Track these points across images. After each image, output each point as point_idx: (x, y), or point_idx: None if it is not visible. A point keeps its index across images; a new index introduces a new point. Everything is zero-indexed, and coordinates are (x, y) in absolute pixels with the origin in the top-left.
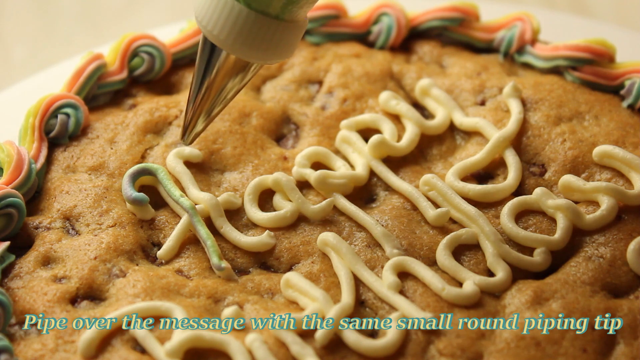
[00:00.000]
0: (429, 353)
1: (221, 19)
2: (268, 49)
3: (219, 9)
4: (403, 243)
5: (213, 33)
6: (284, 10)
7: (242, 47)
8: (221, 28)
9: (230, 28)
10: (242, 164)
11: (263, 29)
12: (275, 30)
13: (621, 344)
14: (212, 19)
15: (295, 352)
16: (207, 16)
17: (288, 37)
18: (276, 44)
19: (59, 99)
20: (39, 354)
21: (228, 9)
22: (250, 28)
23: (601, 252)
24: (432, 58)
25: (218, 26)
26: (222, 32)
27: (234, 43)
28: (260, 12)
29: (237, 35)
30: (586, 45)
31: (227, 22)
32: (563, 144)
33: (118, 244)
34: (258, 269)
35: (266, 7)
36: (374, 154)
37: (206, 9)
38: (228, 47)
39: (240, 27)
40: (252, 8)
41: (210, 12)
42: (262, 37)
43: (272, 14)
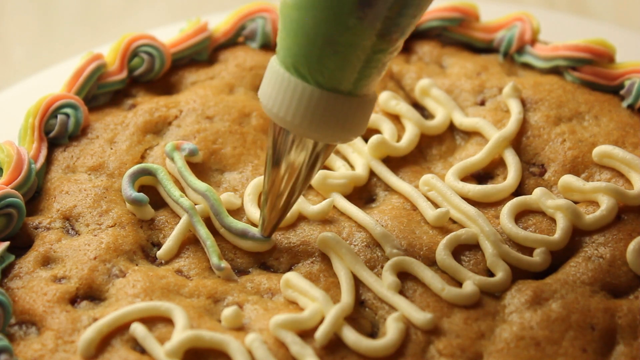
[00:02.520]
0: (429, 353)
1: (293, 102)
2: (345, 127)
3: (289, 93)
4: (403, 243)
5: (286, 119)
6: (356, 86)
7: (318, 129)
8: (294, 112)
9: (303, 111)
10: (242, 164)
11: (337, 107)
12: (350, 107)
13: (621, 344)
14: (283, 104)
15: (295, 352)
16: (277, 102)
17: (362, 112)
18: (352, 120)
19: (58, 99)
20: (39, 354)
21: (299, 91)
22: (324, 108)
23: (601, 252)
24: (432, 58)
25: (290, 111)
26: (296, 117)
27: (309, 126)
28: (332, 90)
29: (311, 117)
30: (586, 46)
31: (300, 105)
32: (563, 144)
33: (118, 244)
34: (258, 269)
35: (337, 84)
36: (373, 154)
37: (275, 95)
38: (302, 130)
39: (313, 108)
40: (323, 88)
41: (280, 97)
42: (337, 115)
43: (344, 91)
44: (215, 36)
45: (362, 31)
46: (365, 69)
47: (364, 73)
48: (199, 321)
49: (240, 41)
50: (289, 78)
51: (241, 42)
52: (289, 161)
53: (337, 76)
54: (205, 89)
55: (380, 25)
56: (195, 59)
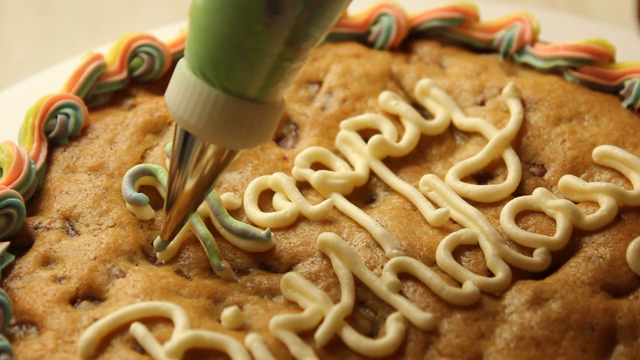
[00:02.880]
0: (429, 353)
1: (198, 106)
2: (249, 134)
3: (195, 96)
4: (403, 243)
5: (190, 122)
6: (262, 93)
7: (223, 134)
8: (199, 116)
9: (208, 115)
10: (241, 164)
11: (242, 113)
12: (256, 114)
13: (621, 344)
14: (188, 107)
15: (295, 352)
16: (182, 104)
17: (268, 120)
18: (257, 127)
19: (58, 99)
20: (39, 354)
21: (204, 95)
22: (229, 113)
23: (601, 252)
24: (431, 58)
25: (195, 114)
26: (200, 120)
27: (213, 131)
28: (238, 96)
29: (215, 122)
30: (586, 46)
31: (205, 109)
32: (563, 144)
33: (118, 244)
34: (258, 269)
35: (244, 90)
36: (373, 154)
37: (180, 97)
38: (207, 135)
39: (218, 113)
40: (229, 93)
41: (185, 100)
42: (242, 122)
43: (250, 97)
44: None
45: (269, 38)
46: (272, 77)
47: (271, 80)
48: (199, 321)
49: None
50: (195, 81)
51: None
52: (194, 165)
53: (244, 82)
54: None
55: (288, 33)
56: None
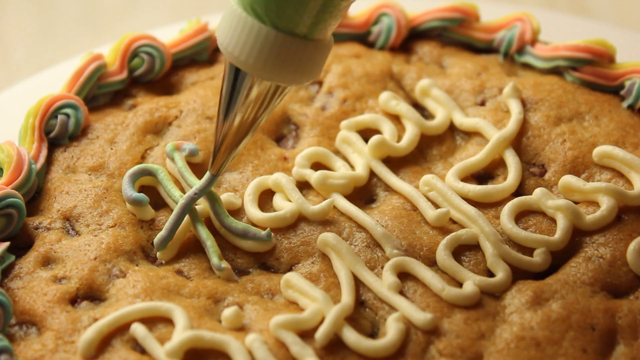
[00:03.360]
0: (429, 353)
1: (248, 42)
2: (298, 70)
3: (245, 32)
4: (403, 243)
5: (240, 58)
6: (312, 30)
7: (272, 70)
8: (249, 52)
9: (258, 51)
10: (242, 164)
11: (292, 50)
12: (305, 50)
13: (621, 344)
14: (239, 44)
15: (295, 353)
16: (232, 40)
17: (317, 57)
18: (305, 64)
19: (58, 99)
20: (39, 354)
21: (255, 31)
22: (279, 50)
23: (601, 252)
24: (432, 58)
25: (245, 50)
26: (250, 56)
27: (263, 66)
28: (289, 33)
29: (265, 58)
30: (586, 46)
31: (255, 46)
32: (563, 144)
33: (118, 244)
34: (258, 270)
35: (294, 27)
36: (374, 155)
37: (231, 33)
38: (257, 70)
39: (268, 49)
40: (279, 30)
41: (235, 36)
42: (292, 58)
43: (300, 34)
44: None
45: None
46: (322, 14)
47: (320, 17)
48: (199, 321)
49: None
50: (245, 18)
51: None
52: (243, 101)
53: (294, 19)
54: (205, 89)
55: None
56: (196, 59)
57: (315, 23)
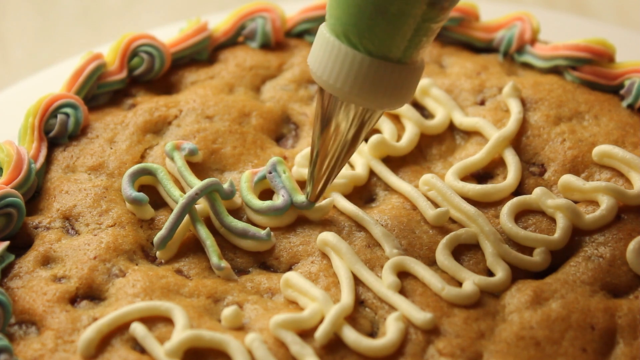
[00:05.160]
0: (429, 353)
1: (343, 70)
2: (392, 94)
3: (339, 61)
4: (403, 243)
5: (336, 86)
6: (405, 54)
7: (367, 96)
8: (344, 80)
9: (353, 78)
10: (242, 164)
11: (386, 74)
12: (399, 75)
13: (621, 344)
14: (333, 71)
15: (295, 352)
16: (327, 69)
17: (410, 80)
18: (400, 87)
19: (58, 98)
20: (39, 353)
21: (349, 59)
22: (374, 75)
23: (601, 251)
24: (431, 58)
25: (340, 78)
26: (345, 84)
27: (358, 93)
28: (382, 57)
29: (361, 84)
30: (586, 45)
31: (350, 73)
32: (563, 143)
33: (118, 243)
34: (258, 269)
35: (387, 52)
36: (373, 154)
37: (325, 62)
38: (352, 97)
39: (363, 76)
40: (373, 55)
41: (330, 65)
42: (387, 83)
43: (394, 59)
44: (215, 36)
45: (412, 0)
46: (415, 37)
47: (414, 41)
48: (199, 321)
49: (240, 41)
50: (339, 46)
51: (241, 42)
52: (337, 128)
53: (387, 44)
54: (205, 89)
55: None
56: (195, 58)
57: (408, 47)
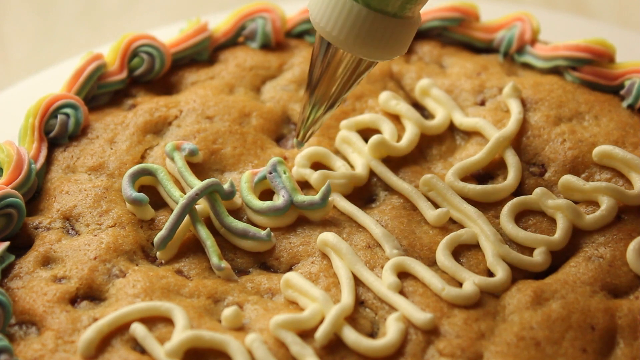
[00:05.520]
0: (429, 353)
1: (340, 19)
2: (386, 46)
3: (337, 10)
4: (403, 243)
5: (332, 33)
6: (402, 8)
7: (362, 46)
8: (340, 28)
9: (349, 28)
10: (242, 164)
11: (382, 27)
12: (394, 28)
13: (621, 345)
14: (331, 19)
15: (295, 352)
16: (325, 16)
17: (405, 34)
18: (394, 41)
19: (58, 99)
20: (39, 354)
21: (347, 9)
22: (370, 27)
23: (601, 252)
24: (432, 58)
25: (337, 26)
26: (342, 32)
27: (353, 42)
28: (379, 10)
29: (356, 34)
30: (586, 46)
31: (347, 22)
32: (563, 144)
33: (118, 244)
34: (258, 269)
35: (385, 6)
36: (373, 154)
37: (323, 10)
38: (347, 46)
39: (359, 26)
40: (371, 7)
41: (328, 13)
42: (381, 35)
43: (390, 12)
44: (215, 36)
45: None
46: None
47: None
48: (199, 321)
49: (240, 41)
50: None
51: (241, 42)
52: (331, 74)
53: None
54: (205, 89)
55: None
56: (196, 59)
57: (405, 2)
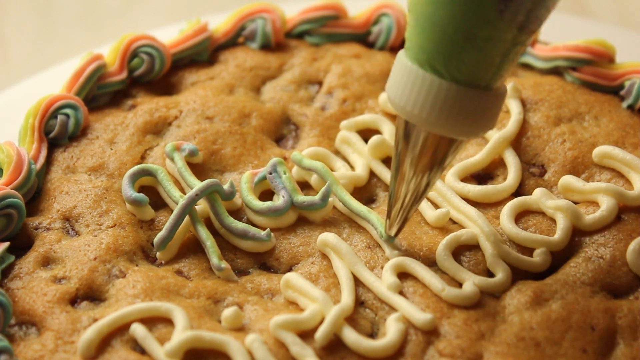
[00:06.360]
0: (429, 353)
1: (428, 100)
2: (477, 121)
3: (425, 89)
4: (403, 243)
5: (422, 117)
6: (492, 80)
7: (454, 125)
8: (430, 109)
9: (440, 107)
10: (242, 164)
11: (473, 102)
12: (486, 101)
13: (621, 345)
14: (418, 101)
15: (295, 353)
16: (410, 99)
17: (495, 106)
18: (485, 114)
19: (58, 99)
20: (39, 354)
21: (435, 88)
22: (461, 104)
23: (601, 252)
24: None
25: (426, 108)
26: (432, 114)
27: (445, 123)
28: (469, 85)
29: (448, 113)
30: (586, 46)
31: (436, 102)
32: (563, 144)
33: (118, 244)
34: (258, 270)
35: (475, 79)
36: (373, 155)
37: (408, 91)
38: (438, 127)
39: (450, 104)
40: (460, 83)
41: (414, 94)
42: (473, 110)
43: (481, 86)
44: (215, 37)
45: (503, 24)
46: (504, 63)
47: (502, 66)
48: (199, 322)
49: (240, 42)
50: (423, 75)
51: (241, 43)
52: (419, 158)
53: (476, 71)
54: (205, 90)
55: (521, 17)
56: (196, 59)
57: (496, 72)
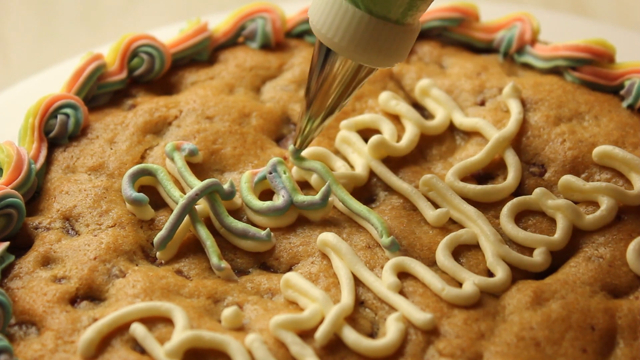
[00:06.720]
0: (429, 353)
1: (342, 25)
2: (387, 53)
3: (339, 16)
4: (403, 243)
5: (333, 40)
6: (404, 15)
7: (363, 52)
8: (342, 35)
9: (351, 34)
10: (242, 164)
11: (383, 33)
12: (396, 35)
13: (621, 344)
14: (332, 26)
15: (295, 353)
16: (326, 23)
17: (406, 41)
18: (395, 47)
19: (58, 99)
20: (39, 354)
21: (349, 15)
22: (371, 33)
23: (601, 252)
24: (431, 58)
25: (339, 32)
26: (343, 39)
27: (355, 49)
28: (381, 17)
29: (358, 41)
30: (586, 46)
31: (348, 28)
32: (563, 144)
33: (118, 244)
34: (258, 269)
35: (387, 12)
36: (373, 155)
37: (325, 16)
38: (348, 52)
39: (361, 32)
40: (372, 14)
41: (329, 19)
42: (383, 41)
43: (392, 19)
44: (215, 36)
45: None
46: (414, 0)
47: (413, 3)
48: (199, 321)
49: (240, 41)
50: (340, 2)
51: (241, 42)
52: (331, 81)
53: (387, 5)
54: (205, 89)
55: None
56: (196, 59)
57: (407, 9)
